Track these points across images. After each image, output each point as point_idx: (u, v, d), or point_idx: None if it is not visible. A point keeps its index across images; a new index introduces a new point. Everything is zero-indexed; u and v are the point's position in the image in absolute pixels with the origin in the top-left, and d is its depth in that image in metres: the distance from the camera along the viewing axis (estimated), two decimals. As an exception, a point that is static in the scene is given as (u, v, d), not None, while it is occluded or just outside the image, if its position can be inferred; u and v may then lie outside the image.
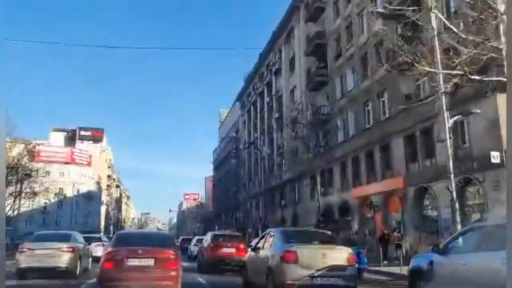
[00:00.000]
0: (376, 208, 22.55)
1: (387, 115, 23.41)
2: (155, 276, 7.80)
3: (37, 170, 51.99)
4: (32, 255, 12.09)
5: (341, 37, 29.58)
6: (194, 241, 26.76)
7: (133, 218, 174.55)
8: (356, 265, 9.20)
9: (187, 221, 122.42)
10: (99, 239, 22.41)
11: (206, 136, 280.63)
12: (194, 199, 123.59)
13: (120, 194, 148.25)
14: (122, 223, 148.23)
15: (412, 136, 20.91)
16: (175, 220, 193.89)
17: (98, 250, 18.22)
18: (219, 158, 76.95)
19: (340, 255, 8.25)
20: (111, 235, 52.75)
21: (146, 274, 7.75)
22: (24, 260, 12.08)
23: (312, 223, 32.90)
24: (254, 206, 50.90)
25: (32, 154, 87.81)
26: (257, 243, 10.28)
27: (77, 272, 12.72)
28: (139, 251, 7.95)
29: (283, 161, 41.71)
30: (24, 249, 12.33)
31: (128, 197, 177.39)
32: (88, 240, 18.53)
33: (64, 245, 12.43)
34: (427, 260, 7.26)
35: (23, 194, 50.14)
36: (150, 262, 7.85)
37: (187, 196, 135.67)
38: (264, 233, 10.56)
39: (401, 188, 21.40)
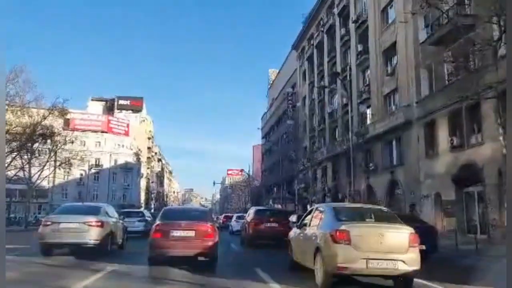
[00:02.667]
0: None
1: None
2: (195, 245, 9.05)
3: (69, 139, 47.52)
4: (57, 229, 10.97)
5: None
6: (234, 217, 28.60)
7: (175, 193, 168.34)
8: (423, 247, 7.84)
9: (231, 197, 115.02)
10: (142, 215, 22.08)
11: (251, 110, 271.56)
12: (240, 172, 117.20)
13: (162, 168, 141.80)
14: (165, 198, 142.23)
15: None
16: (218, 196, 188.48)
17: (139, 225, 19.23)
18: (270, 123, 66.22)
19: (400, 235, 7.05)
20: (152, 211, 51.77)
21: (188, 243, 9.04)
22: (48, 235, 11.00)
23: (425, 194, 21.74)
24: (320, 175, 40.11)
25: (66, 122, 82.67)
26: (303, 219, 9.35)
27: (108, 249, 11.63)
28: (182, 224, 9.27)
29: (369, 110, 30.37)
30: (48, 223, 11.25)
31: (170, 172, 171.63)
32: (130, 215, 19.58)
33: (92, 219, 11.20)
34: None
35: (56, 163, 45.08)
36: (191, 233, 9.15)
37: (230, 172, 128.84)
38: (311, 208, 9.65)
39: None
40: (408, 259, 6.80)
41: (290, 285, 7.46)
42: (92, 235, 10.97)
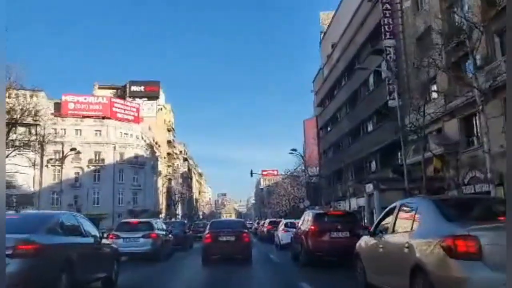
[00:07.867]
0: None
1: None
2: (236, 245, 13.19)
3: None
4: None
5: None
6: (282, 225, 21.35)
7: (205, 196, 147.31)
8: None
9: (268, 199, 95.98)
10: (149, 227, 15.49)
11: (289, 116, 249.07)
12: (275, 172, 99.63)
13: (189, 169, 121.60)
14: (194, 203, 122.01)
15: None
16: (253, 199, 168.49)
17: (145, 243, 14.58)
18: (333, 76, 44.03)
19: None
20: (181, 219, 50.47)
21: (230, 245, 13.16)
22: None
23: None
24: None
25: (57, 107, 64.68)
26: (379, 222, 6.71)
27: None
28: (225, 232, 13.57)
29: None
30: None
31: (200, 175, 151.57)
32: (131, 229, 15.48)
33: (18, 242, 5.74)
34: None
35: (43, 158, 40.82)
36: (232, 238, 13.27)
37: (264, 173, 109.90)
38: (391, 206, 6.44)
39: None
40: None
41: None
42: (15, 271, 5.47)
